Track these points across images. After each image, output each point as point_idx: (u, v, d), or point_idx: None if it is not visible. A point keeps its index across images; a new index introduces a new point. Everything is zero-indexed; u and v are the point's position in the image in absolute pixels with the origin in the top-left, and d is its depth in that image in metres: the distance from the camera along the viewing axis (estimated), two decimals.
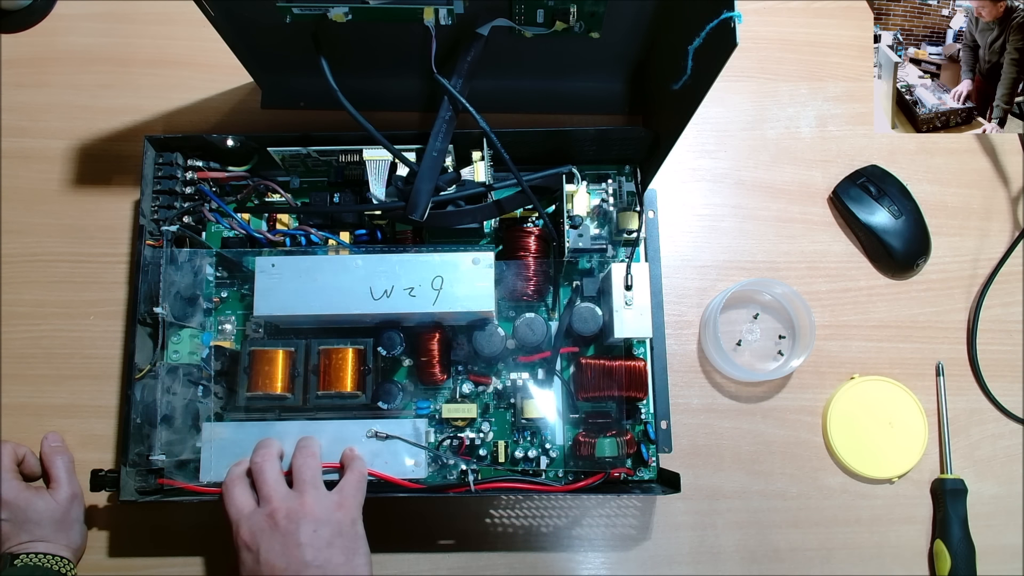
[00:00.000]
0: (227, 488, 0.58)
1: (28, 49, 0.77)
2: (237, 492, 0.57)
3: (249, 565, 0.54)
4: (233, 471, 0.59)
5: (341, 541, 0.55)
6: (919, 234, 0.74)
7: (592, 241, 0.67)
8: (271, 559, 0.54)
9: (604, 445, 0.63)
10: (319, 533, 0.55)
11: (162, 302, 0.63)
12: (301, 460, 0.59)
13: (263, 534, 0.54)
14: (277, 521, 0.55)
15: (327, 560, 0.54)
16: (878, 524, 0.70)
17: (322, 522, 0.55)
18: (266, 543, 0.54)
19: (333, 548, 0.55)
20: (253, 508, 0.56)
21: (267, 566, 0.53)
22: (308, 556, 0.53)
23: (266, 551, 0.54)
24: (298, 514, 0.55)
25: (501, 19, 0.59)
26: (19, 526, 0.61)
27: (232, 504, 0.57)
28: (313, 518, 0.55)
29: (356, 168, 0.67)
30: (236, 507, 0.57)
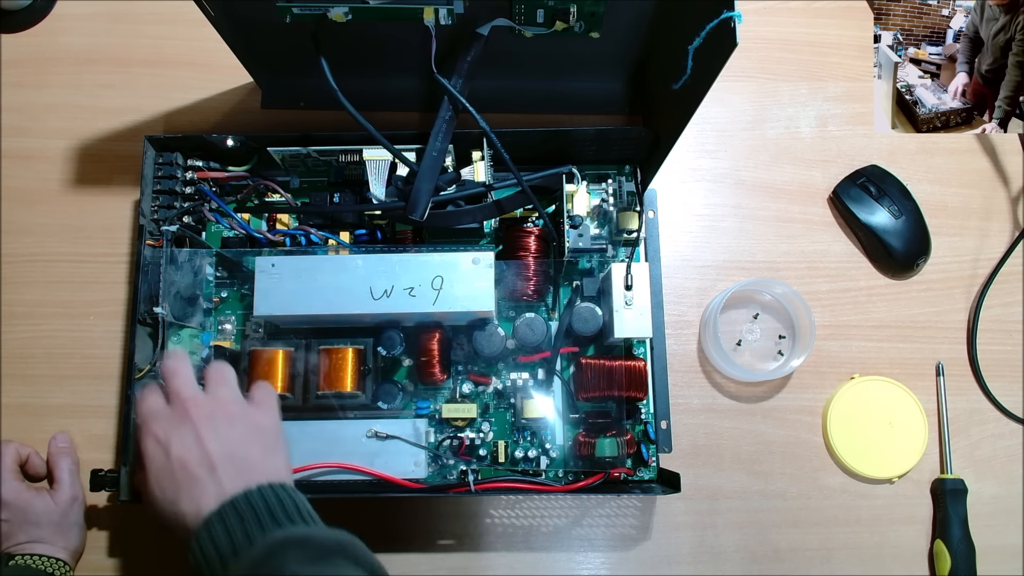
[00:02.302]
0: (139, 394, 0.54)
1: (28, 49, 0.77)
2: (149, 394, 0.53)
3: (158, 460, 0.50)
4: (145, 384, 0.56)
5: (259, 439, 0.52)
6: (919, 234, 0.74)
7: (592, 241, 0.67)
8: (183, 453, 0.49)
9: (604, 445, 0.63)
10: (235, 428, 0.51)
11: (162, 302, 0.63)
12: (214, 367, 0.56)
13: (174, 427, 0.51)
14: (190, 413, 0.51)
15: (245, 455, 0.50)
16: (878, 524, 0.70)
17: (238, 418, 0.52)
18: (177, 435, 0.50)
19: (250, 443, 0.51)
20: (164, 405, 0.53)
21: (178, 460, 0.49)
22: (225, 448, 0.50)
23: (178, 444, 0.50)
24: (213, 408, 0.52)
25: (501, 19, 0.59)
26: (18, 527, 0.61)
27: (142, 405, 0.53)
28: (228, 414, 0.52)
29: (356, 168, 0.67)
30: (147, 406, 0.52)
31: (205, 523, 0.47)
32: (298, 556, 0.44)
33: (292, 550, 0.45)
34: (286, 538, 0.46)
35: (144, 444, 0.51)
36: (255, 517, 0.47)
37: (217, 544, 0.46)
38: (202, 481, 0.49)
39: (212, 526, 0.47)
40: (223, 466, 0.49)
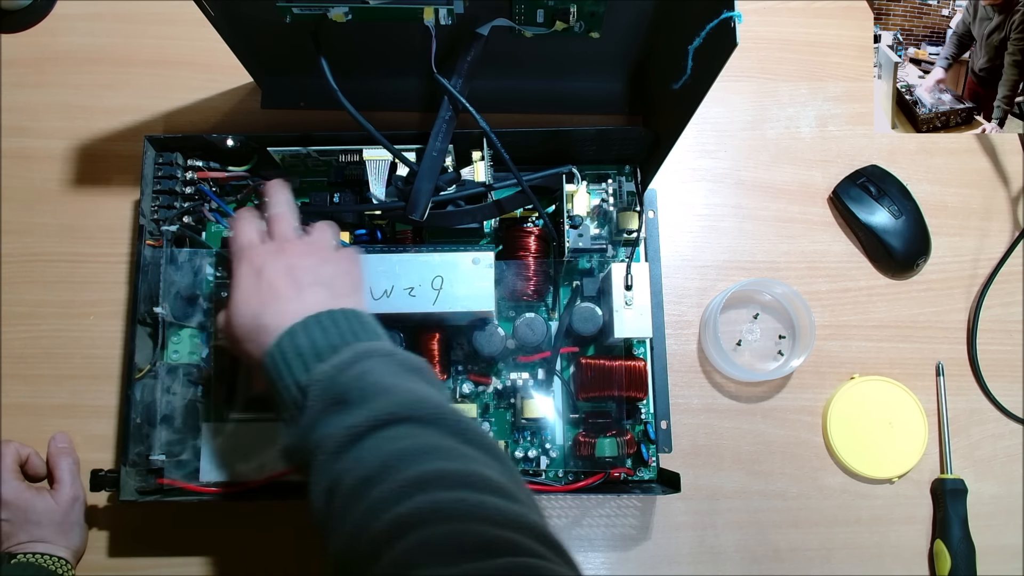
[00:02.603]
0: (239, 224, 0.56)
1: (28, 49, 0.77)
2: (246, 226, 0.55)
3: (248, 282, 0.52)
4: (243, 213, 0.57)
5: (346, 278, 0.54)
6: (919, 234, 0.74)
7: (592, 241, 0.67)
8: (273, 276, 0.51)
9: (604, 445, 0.63)
10: (326, 267, 0.53)
11: (162, 302, 0.63)
12: (319, 224, 0.58)
13: (271, 255, 0.53)
14: (287, 249, 0.53)
15: (331, 285, 0.52)
16: (878, 524, 0.70)
17: (330, 260, 0.54)
18: (272, 262, 0.52)
19: (338, 279, 0.53)
20: (260, 240, 0.55)
21: (267, 281, 0.51)
22: (312, 278, 0.52)
23: (271, 268, 0.52)
24: (309, 249, 0.54)
25: (501, 19, 0.59)
26: (19, 526, 0.61)
27: (241, 235, 0.55)
28: (321, 255, 0.54)
29: (356, 168, 0.67)
30: (245, 238, 0.55)
31: (288, 330, 0.48)
32: (381, 365, 0.46)
33: (377, 359, 0.46)
34: (372, 348, 0.47)
35: (238, 268, 0.53)
36: (337, 330, 0.48)
37: (299, 347, 0.47)
38: (289, 299, 0.50)
39: (295, 333, 0.48)
40: (310, 289, 0.51)
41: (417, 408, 0.43)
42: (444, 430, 0.43)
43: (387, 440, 0.42)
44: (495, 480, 0.40)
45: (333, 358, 0.46)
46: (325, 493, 0.42)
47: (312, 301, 0.50)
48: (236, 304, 0.52)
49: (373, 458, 0.41)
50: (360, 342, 0.48)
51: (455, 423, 0.43)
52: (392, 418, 0.42)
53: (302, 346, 0.47)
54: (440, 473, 0.39)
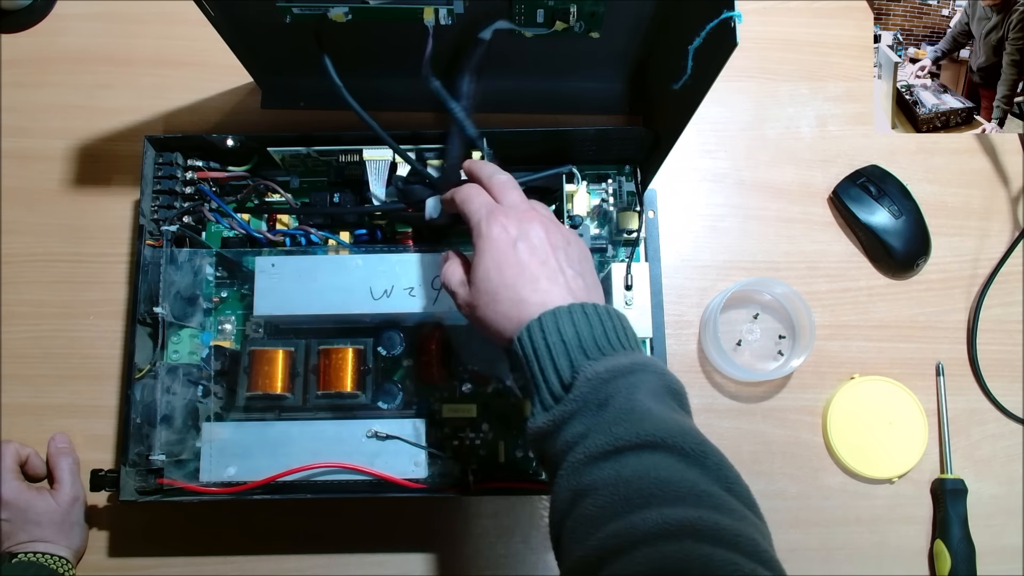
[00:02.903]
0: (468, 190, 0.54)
1: (28, 49, 0.77)
2: (481, 192, 0.53)
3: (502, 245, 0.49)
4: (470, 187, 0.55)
5: (590, 266, 0.52)
6: (919, 234, 0.74)
7: (592, 241, 0.67)
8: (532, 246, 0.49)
9: None
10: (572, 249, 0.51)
11: (162, 302, 0.63)
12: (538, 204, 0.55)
13: (524, 223, 0.50)
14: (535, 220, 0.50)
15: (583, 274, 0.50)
16: (878, 524, 0.70)
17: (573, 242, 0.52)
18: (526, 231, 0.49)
19: (585, 267, 0.51)
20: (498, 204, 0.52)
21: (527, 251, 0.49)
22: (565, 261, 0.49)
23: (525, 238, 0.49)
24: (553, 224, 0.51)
25: (501, 21, 0.59)
26: (19, 526, 0.61)
27: (477, 197, 0.52)
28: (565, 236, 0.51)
29: (356, 168, 0.67)
30: (483, 200, 0.52)
31: (553, 312, 0.46)
32: (653, 382, 0.44)
33: (650, 374, 0.44)
34: (647, 362, 0.45)
35: (489, 228, 0.50)
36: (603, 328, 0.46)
37: (564, 333, 0.45)
38: (548, 279, 0.48)
39: (561, 316, 0.46)
40: (568, 273, 0.49)
41: (683, 439, 0.41)
42: (707, 471, 0.40)
43: (650, 464, 0.40)
44: (763, 548, 0.37)
45: (605, 360, 0.44)
46: (572, 493, 0.41)
47: (575, 287, 0.48)
48: (487, 267, 0.49)
49: (634, 479, 0.39)
50: (633, 350, 0.46)
51: (717, 465, 0.41)
52: (657, 442, 0.40)
53: (567, 334, 0.45)
54: (712, 526, 0.37)
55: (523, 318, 0.47)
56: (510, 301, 0.48)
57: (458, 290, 0.52)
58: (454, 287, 0.52)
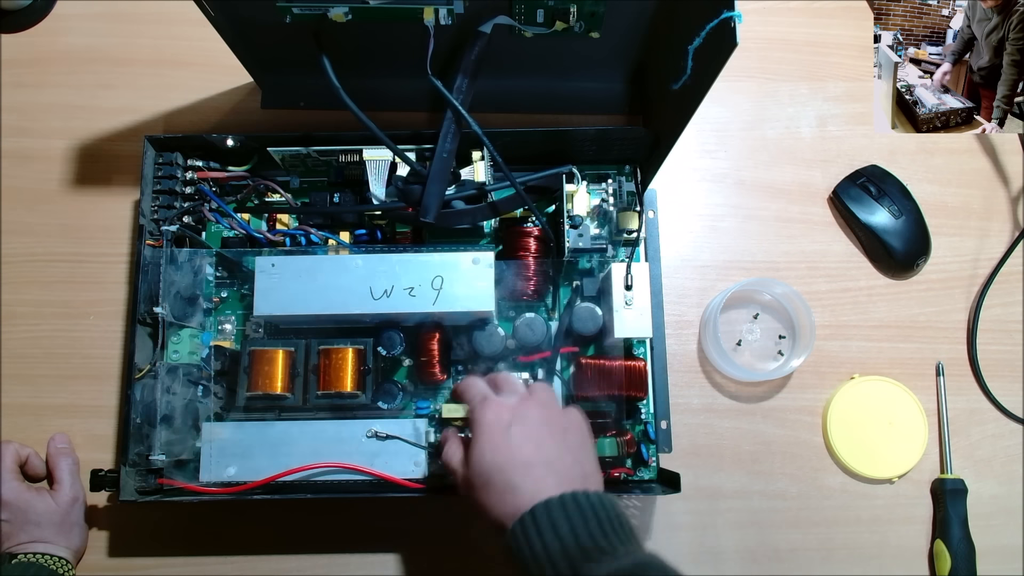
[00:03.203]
0: (468, 382, 0.57)
1: (28, 49, 0.77)
2: (479, 383, 0.56)
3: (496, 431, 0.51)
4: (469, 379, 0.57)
5: (586, 453, 0.53)
6: (919, 234, 0.74)
7: (592, 241, 0.67)
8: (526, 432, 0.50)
9: (604, 445, 0.63)
10: (569, 436, 0.52)
11: (162, 302, 0.63)
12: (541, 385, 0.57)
13: (517, 412, 0.52)
14: (530, 408, 0.52)
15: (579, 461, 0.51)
16: (878, 524, 0.70)
17: (571, 429, 0.53)
18: (519, 419, 0.51)
19: (582, 453, 0.52)
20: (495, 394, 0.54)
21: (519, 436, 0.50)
22: (559, 449, 0.50)
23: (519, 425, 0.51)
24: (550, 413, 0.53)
25: (502, 17, 0.59)
26: (19, 527, 0.61)
27: (474, 387, 0.55)
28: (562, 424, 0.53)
29: (356, 168, 0.67)
30: (481, 389, 0.55)
31: (546, 503, 0.46)
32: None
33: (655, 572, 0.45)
34: (649, 561, 0.45)
35: (482, 415, 0.52)
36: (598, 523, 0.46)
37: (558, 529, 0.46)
38: (540, 465, 0.49)
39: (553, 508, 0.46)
40: (562, 461, 0.50)
41: None
42: None
43: None
44: None
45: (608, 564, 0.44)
46: None
47: (566, 474, 0.49)
48: (482, 451, 0.51)
49: None
50: (629, 544, 0.46)
51: None
52: None
53: (563, 531, 0.46)
54: None
55: (517, 507, 0.47)
56: (504, 486, 0.49)
57: (457, 469, 0.53)
58: (454, 466, 0.54)
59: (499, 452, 0.50)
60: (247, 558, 0.67)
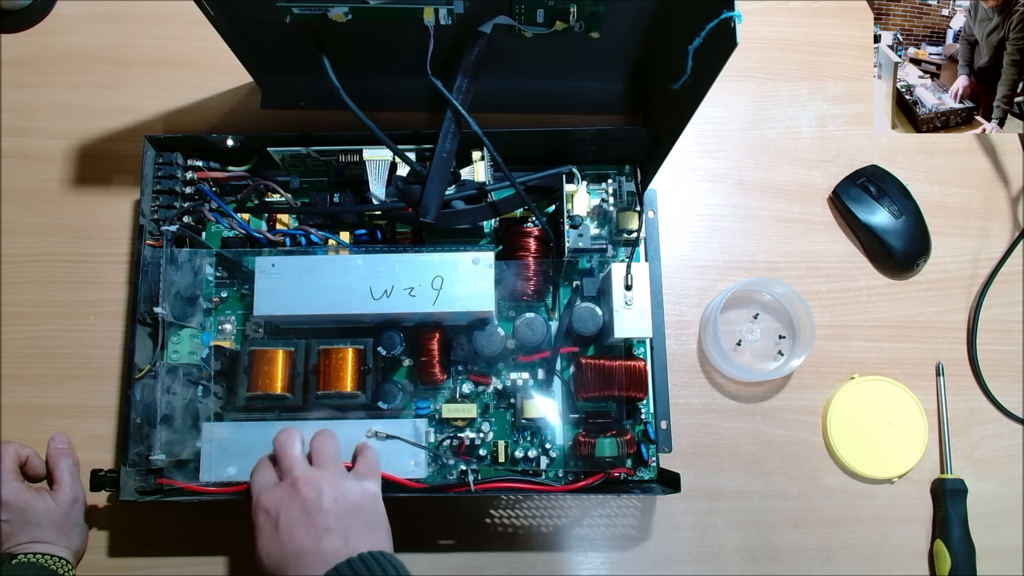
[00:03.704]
0: (254, 470, 0.58)
1: (28, 49, 0.77)
2: (262, 469, 0.58)
3: (267, 532, 0.54)
4: (260, 458, 0.59)
5: (362, 513, 0.55)
6: (919, 234, 0.74)
7: (592, 241, 0.67)
8: (291, 524, 0.53)
9: (604, 445, 0.63)
10: (340, 502, 0.54)
11: (162, 302, 0.63)
12: (321, 440, 0.59)
13: (283, 501, 0.54)
14: (299, 489, 0.54)
15: (348, 527, 0.53)
16: (878, 524, 0.70)
17: (343, 492, 0.55)
18: (286, 509, 0.54)
19: (354, 518, 0.54)
20: (275, 481, 0.56)
21: (287, 531, 0.53)
22: (330, 522, 0.53)
23: (286, 517, 0.53)
24: (320, 483, 0.55)
25: (502, 17, 0.59)
26: (19, 527, 0.61)
27: (255, 480, 0.57)
28: (334, 487, 0.55)
29: (356, 168, 0.67)
30: (258, 482, 0.57)
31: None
32: None
33: None
34: None
35: (256, 516, 0.55)
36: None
37: None
38: (308, 552, 0.52)
39: None
40: (327, 538, 0.52)
41: None
42: None
43: None
44: None
45: None
46: None
47: (330, 550, 0.52)
48: (261, 558, 0.53)
49: None
50: None
51: None
52: None
53: None
54: None
55: None
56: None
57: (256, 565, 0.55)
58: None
59: (273, 552, 0.53)
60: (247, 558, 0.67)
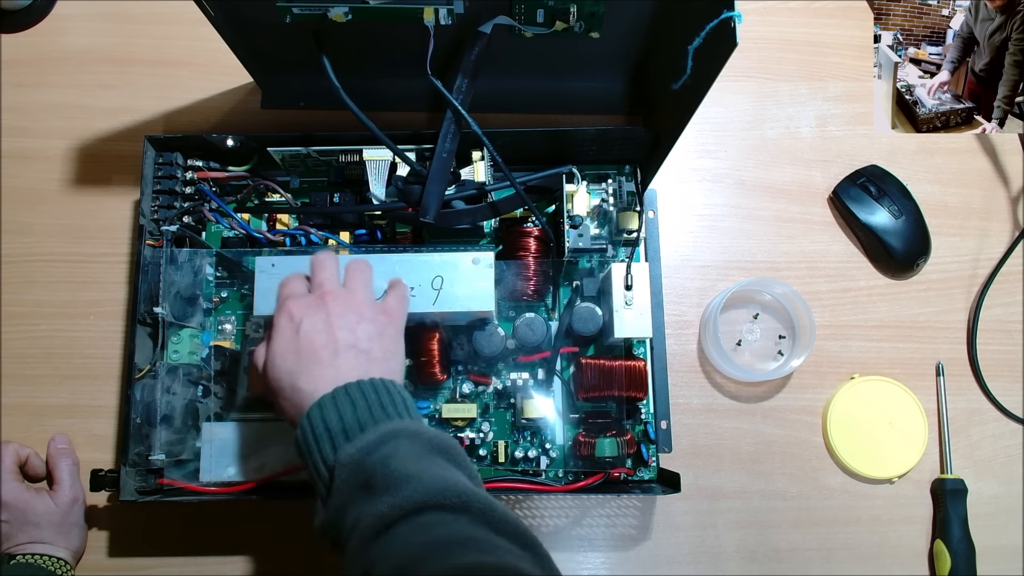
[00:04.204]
0: (285, 279, 0.57)
1: (28, 49, 0.77)
2: (293, 280, 0.57)
3: (286, 335, 0.52)
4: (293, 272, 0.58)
5: (382, 340, 0.54)
6: (919, 234, 0.74)
7: (592, 241, 0.67)
8: (311, 332, 0.51)
9: (604, 445, 0.63)
10: (363, 326, 0.53)
11: (162, 302, 0.63)
12: (355, 267, 0.58)
13: (310, 308, 0.53)
14: (327, 302, 0.53)
15: (367, 351, 0.52)
16: (878, 524, 0.70)
17: (368, 318, 0.54)
18: (311, 317, 0.52)
19: (373, 342, 0.53)
20: (305, 291, 0.55)
21: (305, 338, 0.51)
22: (350, 339, 0.52)
23: (308, 324, 0.52)
24: (348, 303, 0.54)
25: (503, 16, 0.59)
26: (18, 527, 0.61)
27: (286, 285, 0.56)
28: (360, 311, 0.54)
29: (356, 168, 0.67)
30: (288, 287, 0.56)
31: (319, 402, 0.48)
32: (407, 447, 0.46)
33: (403, 440, 0.46)
34: (398, 428, 0.47)
35: (277, 319, 0.53)
36: (366, 405, 0.48)
37: (328, 424, 0.48)
38: (323, 363, 0.50)
39: (325, 406, 0.48)
40: (345, 354, 0.51)
41: (445, 495, 0.43)
42: (475, 518, 0.43)
43: (418, 529, 0.42)
44: (529, 573, 0.39)
45: (359, 438, 0.46)
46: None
47: (347, 367, 0.51)
48: (273, 357, 0.52)
49: (405, 548, 0.41)
50: (388, 420, 0.48)
51: (485, 510, 0.43)
52: (421, 505, 0.42)
53: (331, 421, 0.47)
54: (476, 567, 0.39)
55: (300, 409, 0.49)
56: (290, 390, 0.51)
57: (261, 380, 0.54)
58: (257, 373, 0.55)
59: (287, 355, 0.51)
60: (247, 558, 0.67)
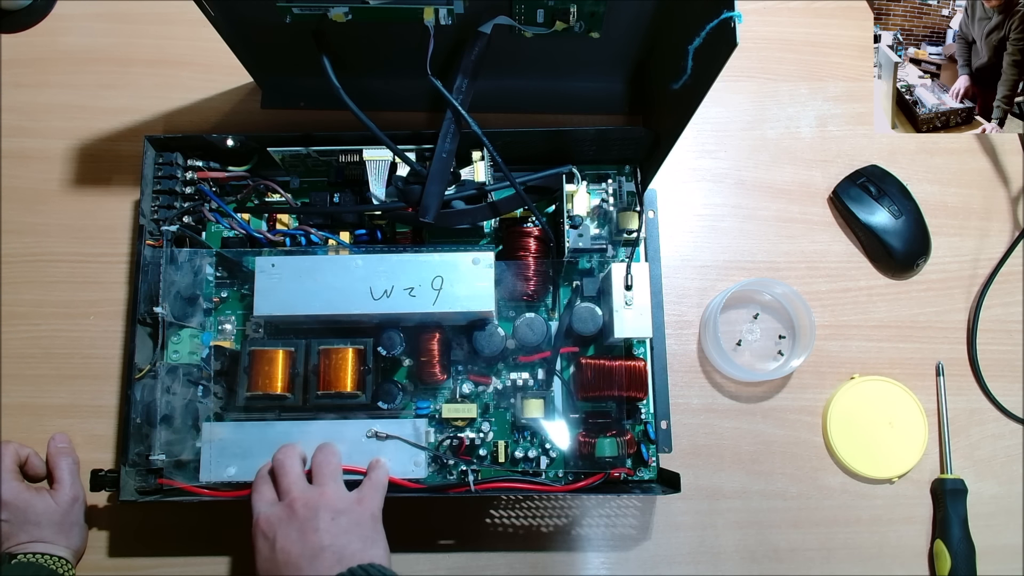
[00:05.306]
0: (253, 486, 0.58)
1: (28, 49, 0.77)
2: (261, 487, 0.58)
3: (264, 554, 0.54)
4: (259, 471, 0.59)
5: (359, 531, 0.55)
6: (919, 234, 0.74)
7: (592, 241, 0.67)
8: (287, 545, 0.53)
9: (604, 445, 0.63)
10: (337, 521, 0.55)
11: (162, 302, 0.63)
12: (321, 457, 0.59)
13: (281, 522, 0.55)
14: (295, 510, 0.55)
15: (344, 546, 0.54)
16: (878, 524, 0.70)
17: (340, 511, 0.55)
18: (283, 530, 0.54)
19: (350, 535, 0.54)
20: (274, 500, 0.57)
21: (283, 552, 0.53)
22: (325, 541, 0.53)
23: (282, 538, 0.54)
24: (317, 503, 0.55)
25: (503, 16, 0.59)
26: (19, 527, 0.61)
27: (254, 500, 0.57)
28: (331, 507, 0.55)
29: (356, 168, 0.67)
30: (257, 502, 0.57)
31: None
32: None
33: None
34: None
35: (254, 538, 0.56)
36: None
37: None
38: (303, 571, 0.52)
39: None
40: (322, 555, 0.53)
41: None
42: None
43: None
44: None
45: None
46: None
47: (325, 568, 0.52)
48: (259, 565, 0.54)
49: None
50: None
51: None
52: None
53: None
54: None
55: None
56: None
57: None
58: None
59: (271, 572, 0.54)
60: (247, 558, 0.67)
